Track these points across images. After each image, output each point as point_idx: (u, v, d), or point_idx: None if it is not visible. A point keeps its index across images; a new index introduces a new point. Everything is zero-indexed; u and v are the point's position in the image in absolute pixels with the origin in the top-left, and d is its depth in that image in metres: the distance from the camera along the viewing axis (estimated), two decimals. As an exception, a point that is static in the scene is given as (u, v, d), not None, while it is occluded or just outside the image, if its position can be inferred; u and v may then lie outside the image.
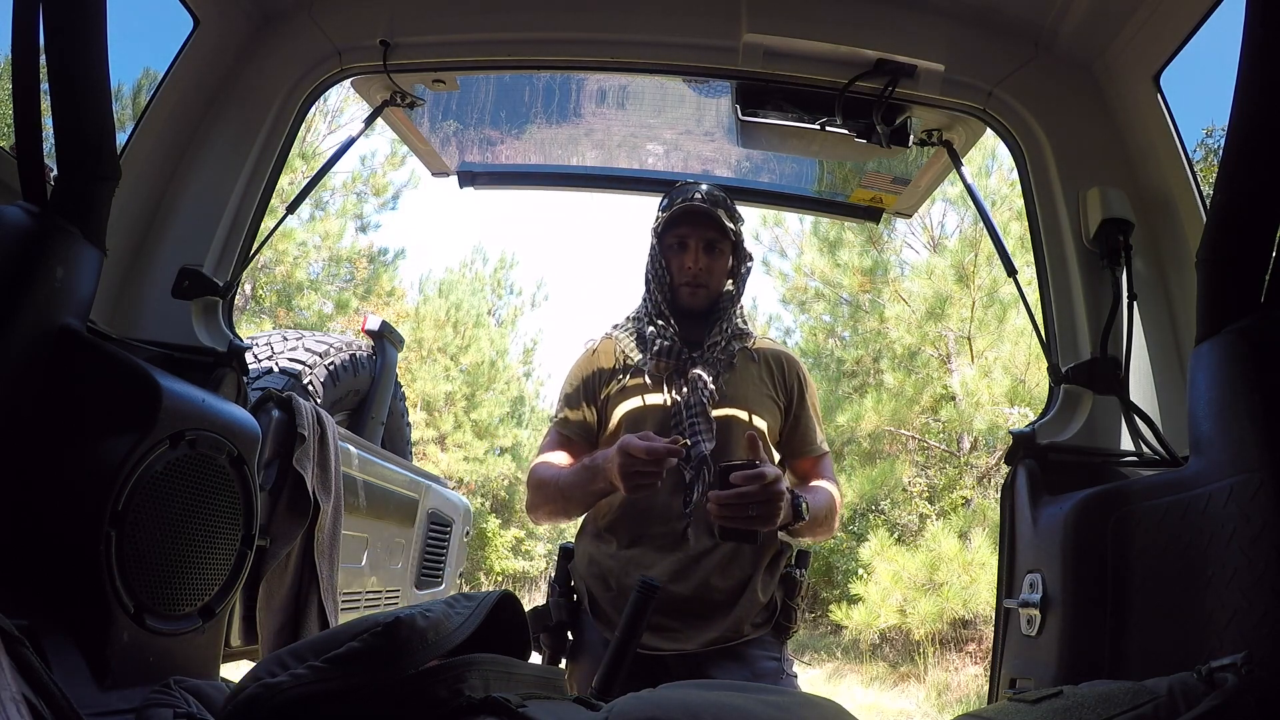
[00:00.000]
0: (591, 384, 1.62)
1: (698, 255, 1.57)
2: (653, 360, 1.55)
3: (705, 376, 1.52)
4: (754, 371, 1.60)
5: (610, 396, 1.59)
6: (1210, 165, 6.35)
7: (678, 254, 1.59)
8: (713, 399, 1.51)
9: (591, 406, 1.60)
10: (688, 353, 1.56)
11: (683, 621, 1.41)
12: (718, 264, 1.59)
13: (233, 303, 1.58)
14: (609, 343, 1.66)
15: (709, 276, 1.59)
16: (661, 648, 1.39)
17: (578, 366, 1.66)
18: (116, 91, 2.45)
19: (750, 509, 1.25)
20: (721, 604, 1.43)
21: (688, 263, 1.57)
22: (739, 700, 0.69)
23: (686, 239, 1.57)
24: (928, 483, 9.96)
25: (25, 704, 0.65)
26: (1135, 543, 1.02)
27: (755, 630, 1.46)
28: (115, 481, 1.05)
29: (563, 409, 1.62)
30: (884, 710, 7.61)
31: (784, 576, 1.52)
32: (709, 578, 1.42)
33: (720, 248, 1.59)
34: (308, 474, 1.79)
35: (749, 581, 1.45)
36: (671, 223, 1.58)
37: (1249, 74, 0.86)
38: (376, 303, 13.42)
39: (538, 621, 1.52)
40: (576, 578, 1.55)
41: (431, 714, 0.68)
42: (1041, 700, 0.73)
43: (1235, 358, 0.86)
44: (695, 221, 1.56)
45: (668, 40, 1.54)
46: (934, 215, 10.53)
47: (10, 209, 1.02)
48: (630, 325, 1.66)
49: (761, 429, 1.53)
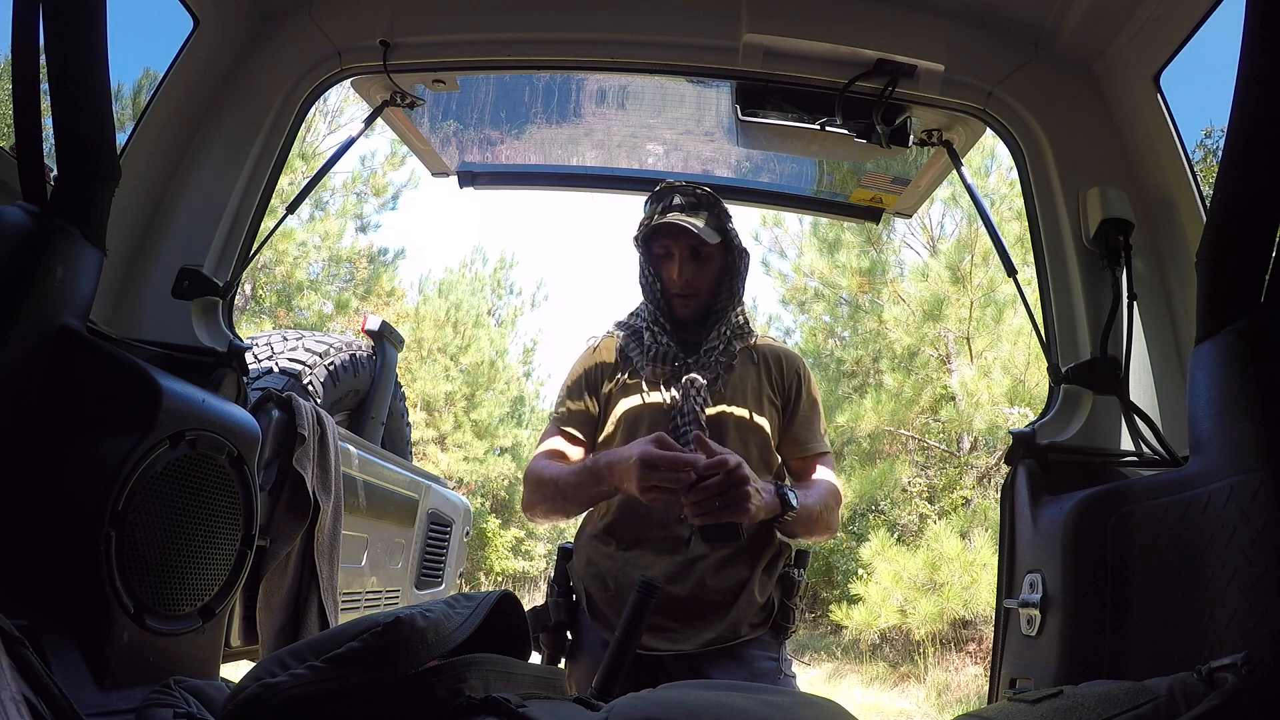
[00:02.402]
0: (594, 378, 1.61)
1: (683, 266, 1.54)
2: (649, 365, 1.54)
3: (700, 381, 1.50)
4: (753, 372, 1.59)
5: (610, 394, 1.58)
6: (1210, 165, 6.36)
7: (665, 263, 1.56)
8: (707, 403, 1.50)
9: (594, 399, 1.59)
10: (683, 358, 1.54)
11: (680, 622, 1.40)
12: (706, 270, 1.56)
13: (233, 303, 1.58)
14: (611, 340, 1.65)
15: (699, 285, 1.56)
16: (659, 648, 1.39)
17: (580, 362, 1.66)
18: (116, 91, 2.46)
19: (715, 500, 1.24)
20: (719, 604, 1.42)
21: (674, 274, 1.54)
22: (738, 700, 0.69)
23: (670, 249, 1.54)
24: (928, 483, 9.96)
25: (25, 704, 0.65)
26: (1135, 543, 1.02)
27: (753, 630, 1.46)
28: (115, 481, 1.05)
29: (564, 402, 1.61)
30: (884, 710, 7.61)
31: (782, 577, 1.51)
32: (705, 578, 1.42)
33: (706, 253, 1.54)
34: (308, 474, 1.79)
35: (746, 582, 1.45)
36: (653, 233, 1.55)
37: (1249, 74, 0.86)
38: (376, 303, 13.41)
39: (537, 621, 1.51)
40: (575, 578, 1.55)
41: (431, 714, 0.68)
42: (1041, 700, 0.73)
43: (1235, 358, 0.86)
44: (675, 234, 1.53)
45: (668, 40, 1.54)
46: (934, 215, 10.53)
47: (10, 209, 1.02)
48: (630, 324, 1.65)
49: (761, 429, 1.53)
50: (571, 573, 1.57)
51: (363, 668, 0.67)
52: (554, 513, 1.51)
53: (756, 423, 1.53)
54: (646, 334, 1.58)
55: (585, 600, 1.50)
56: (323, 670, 0.67)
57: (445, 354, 14.23)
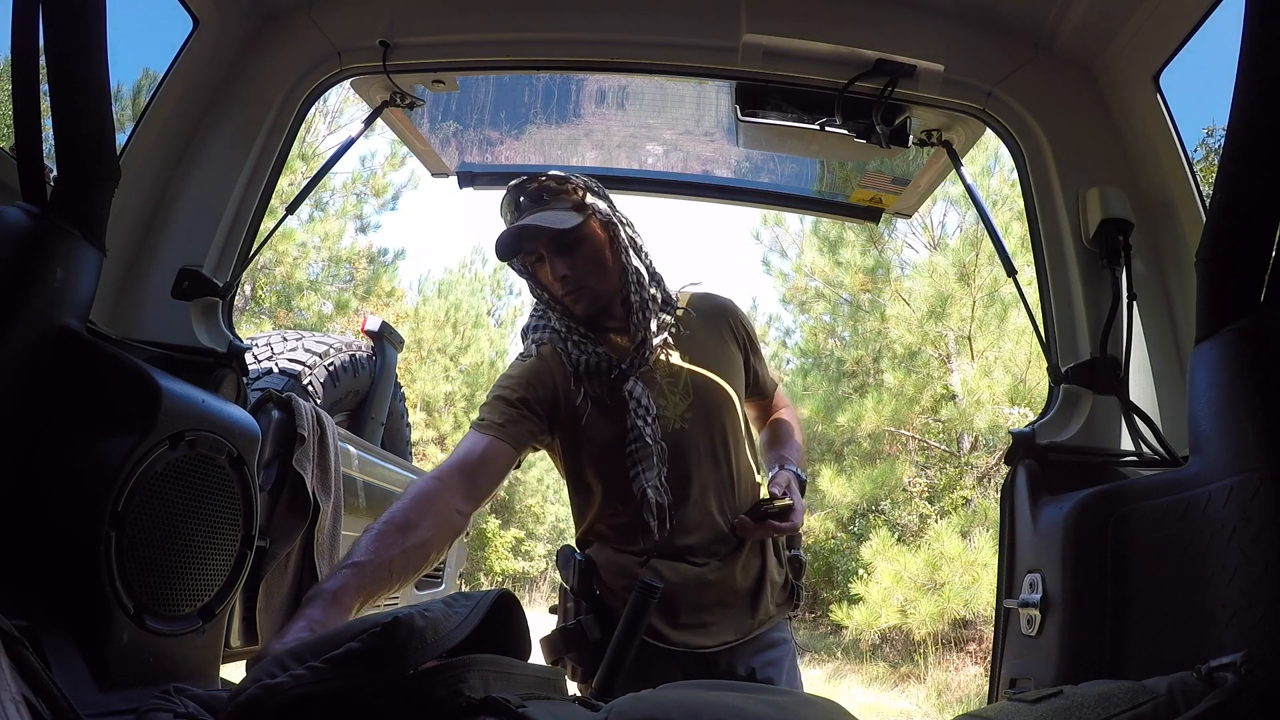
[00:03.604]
0: (545, 396, 1.42)
1: (554, 264, 1.39)
2: (585, 385, 1.40)
3: (639, 394, 1.37)
4: (706, 329, 1.52)
5: (567, 417, 1.43)
6: (1210, 165, 6.35)
7: (540, 267, 1.43)
8: (651, 413, 1.38)
9: (541, 417, 1.41)
10: (617, 368, 1.40)
11: (715, 616, 1.40)
12: (579, 255, 1.40)
13: (232, 303, 1.58)
14: (553, 352, 1.46)
15: (580, 275, 1.40)
16: (704, 644, 1.39)
17: (526, 371, 1.45)
18: (116, 91, 2.45)
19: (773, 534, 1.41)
20: (748, 593, 1.44)
21: (550, 277, 1.42)
22: (738, 700, 0.69)
23: (537, 250, 1.41)
24: (928, 483, 9.97)
25: (25, 705, 0.65)
26: (1135, 543, 1.02)
27: (779, 611, 1.49)
28: (115, 482, 1.05)
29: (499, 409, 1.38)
30: (884, 710, 7.61)
31: (790, 559, 1.53)
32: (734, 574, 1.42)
33: (574, 238, 1.38)
34: (307, 475, 1.79)
35: (763, 568, 1.47)
36: (513, 245, 1.41)
37: (1249, 74, 0.86)
38: (376, 303, 13.42)
39: (569, 644, 1.37)
40: (605, 590, 1.42)
41: (431, 714, 0.68)
42: (1041, 700, 0.73)
43: (1235, 357, 0.86)
44: (526, 236, 1.39)
45: (667, 40, 1.54)
46: (934, 215, 10.54)
47: (10, 209, 1.02)
48: (552, 336, 1.46)
49: (738, 382, 1.52)
50: (600, 585, 1.42)
51: (362, 668, 0.67)
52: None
53: (734, 385, 1.50)
54: (572, 347, 1.42)
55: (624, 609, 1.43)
56: (322, 671, 0.67)
57: (445, 354, 14.25)
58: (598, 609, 1.39)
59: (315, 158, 11.24)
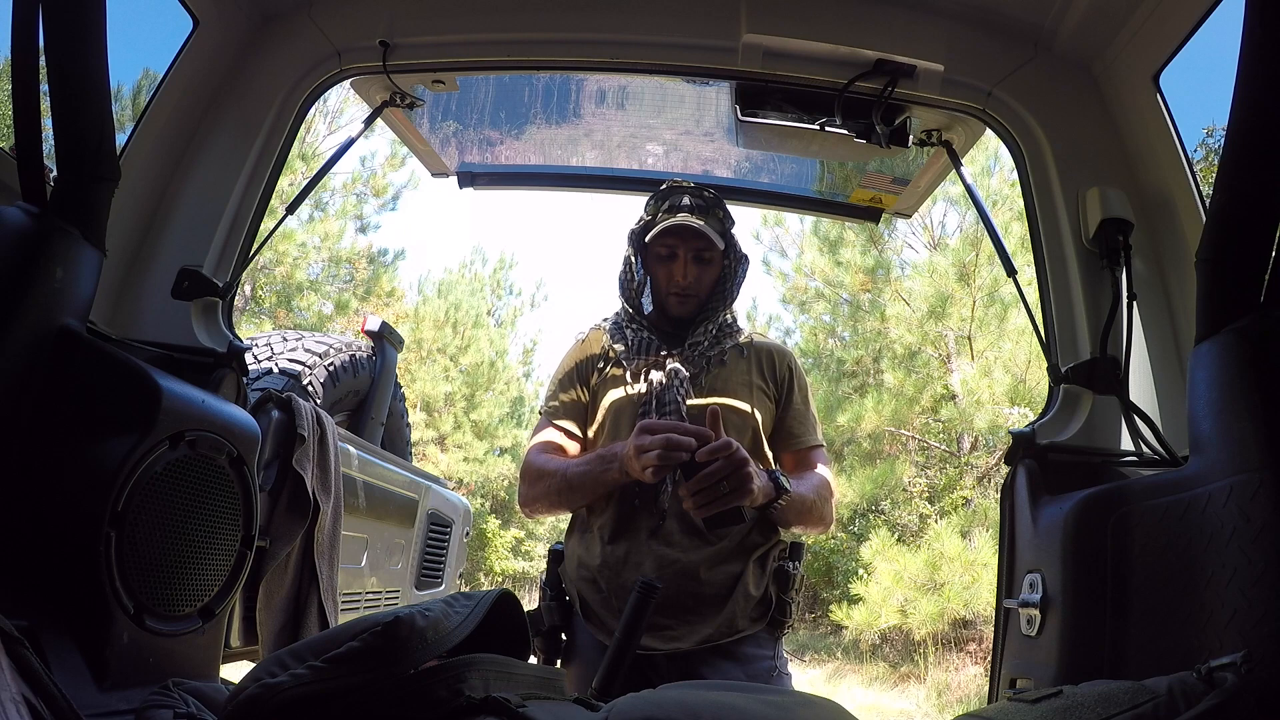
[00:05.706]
0: (583, 370, 1.62)
1: (687, 267, 1.55)
2: (632, 358, 1.56)
3: (682, 371, 1.51)
4: (743, 365, 1.59)
5: (597, 387, 1.59)
6: (1210, 165, 6.35)
7: (665, 263, 1.57)
8: (689, 394, 1.50)
9: (584, 390, 1.61)
10: (666, 349, 1.55)
11: (675, 619, 1.40)
12: (707, 273, 1.58)
13: (232, 303, 1.58)
14: (598, 333, 1.66)
15: (699, 287, 1.58)
16: (655, 647, 1.38)
17: (569, 355, 1.67)
18: (116, 91, 2.46)
19: (721, 485, 1.23)
20: (713, 600, 1.42)
21: (676, 275, 1.56)
22: (738, 700, 0.69)
23: (675, 249, 1.55)
24: (928, 483, 9.97)
25: (25, 705, 0.65)
26: (1135, 543, 1.02)
27: (751, 625, 1.44)
28: (115, 482, 1.05)
29: (555, 395, 1.63)
30: (884, 710, 7.61)
31: (776, 571, 1.50)
32: (699, 574, 1.41)
33: (709, 255, 1.56)
34: (307, 475, 1.79)
35: (739, 576, 1.44)
36: (660, 233, 1.55)
37: (1249, 74, 0.86)
38: (376, 303, 13.42)
39: (531, 626, 1.49)
40: (567, 581, 1.54)
41: (431, 714, 0.68)
42: (1041, 700, 0.73)
43: (1235, 357, 0.86)
44: (684, 235, 1.54)
45: (667, 40, 1.54)
46: (934, 215, 10.54)
47: (10, 209, 1.02)
48: (614, 319, 1.66)
49: (751, 419, 1.52)
50: (563, 576, 1.56)
51: (362, 667, 0.67)
52: (558, 505, 1.51)
53: (746, 413, 1.52)
54: (628, 329, 1.60)
55: (579, 603, 1.49)
56: (323, 670, 0.67)
57: (445, 354, 14.24)
58: (558, 598, 1.54)
59: (315, 158, 11.24)
